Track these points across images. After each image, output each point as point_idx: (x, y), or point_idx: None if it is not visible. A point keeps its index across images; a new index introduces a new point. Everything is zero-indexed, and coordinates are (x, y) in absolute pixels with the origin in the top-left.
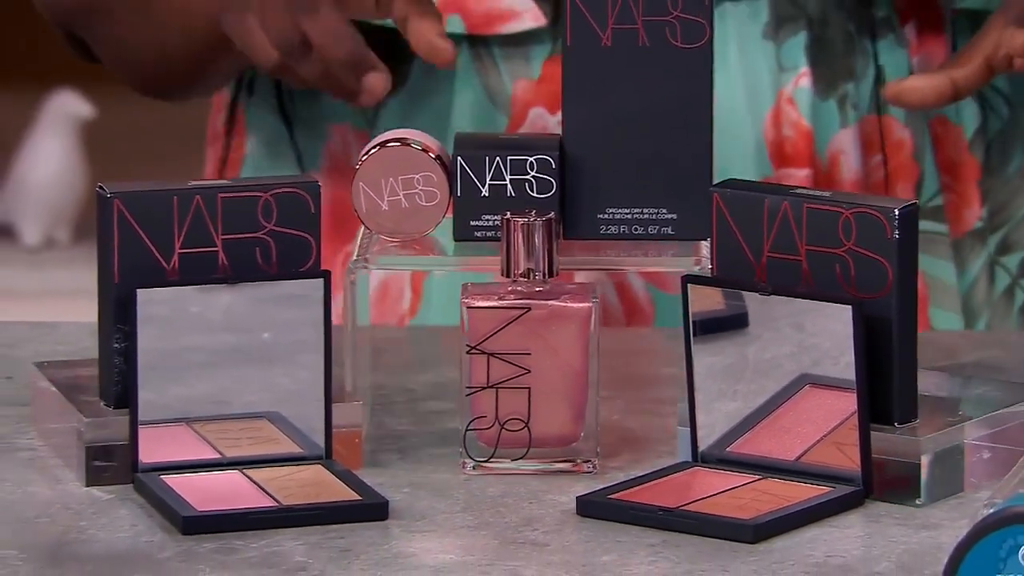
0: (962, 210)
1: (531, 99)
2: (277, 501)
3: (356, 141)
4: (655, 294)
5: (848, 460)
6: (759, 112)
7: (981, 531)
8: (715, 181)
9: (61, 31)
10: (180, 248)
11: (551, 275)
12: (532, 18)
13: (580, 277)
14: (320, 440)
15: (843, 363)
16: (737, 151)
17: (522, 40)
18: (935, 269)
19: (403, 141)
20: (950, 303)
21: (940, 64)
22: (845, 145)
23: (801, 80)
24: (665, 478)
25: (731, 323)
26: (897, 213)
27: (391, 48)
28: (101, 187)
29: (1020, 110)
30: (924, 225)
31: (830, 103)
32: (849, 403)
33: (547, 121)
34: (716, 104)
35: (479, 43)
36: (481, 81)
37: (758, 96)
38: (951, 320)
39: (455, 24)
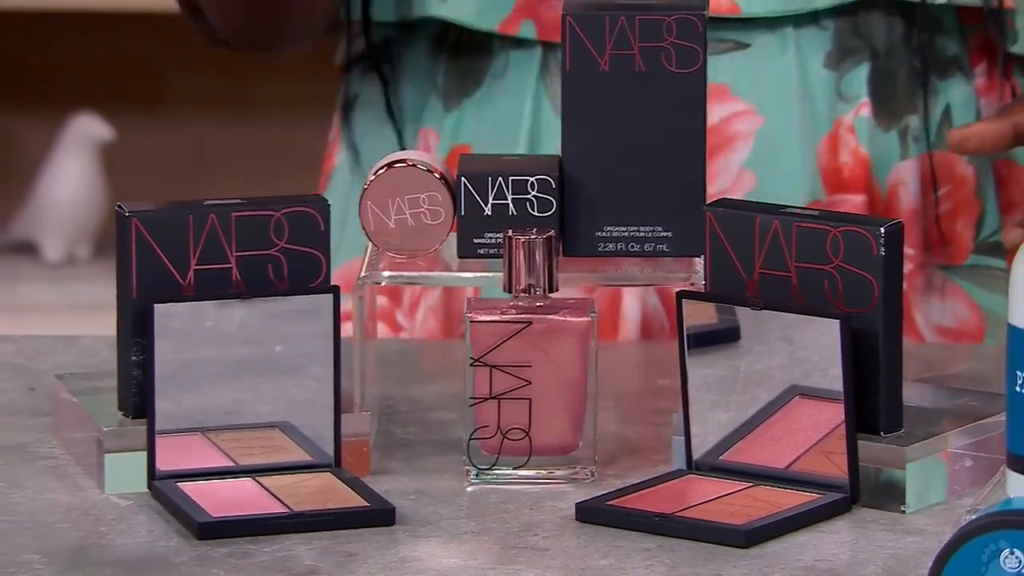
0: None
1: None
2: (288, 507)
3: (434, 141)
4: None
5: (836, 468)
6: (813, 139)
7: (964, 536)
8: (748, 200)
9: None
10: (196, 264)
11: (551, 291)
12: None
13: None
14: (329, 449)
15: (831, 375)
16: (786, 175)
17: None
18: (991, 303)
19: (409, 162)
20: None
21: (1002, 107)
22: (906, 176)
23: (862, 110)
24: (661, 485)
25: (724, 337)
26: (883, 231)
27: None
28: (120, 206)
29: None
30: (982, 260)
31: (892, 134)
32: (837, 413)
33: None
34: (761, 129)
35: (549, 51)
36: (547, 90)
37: (814, 123)
38: None
39: (528, 29)
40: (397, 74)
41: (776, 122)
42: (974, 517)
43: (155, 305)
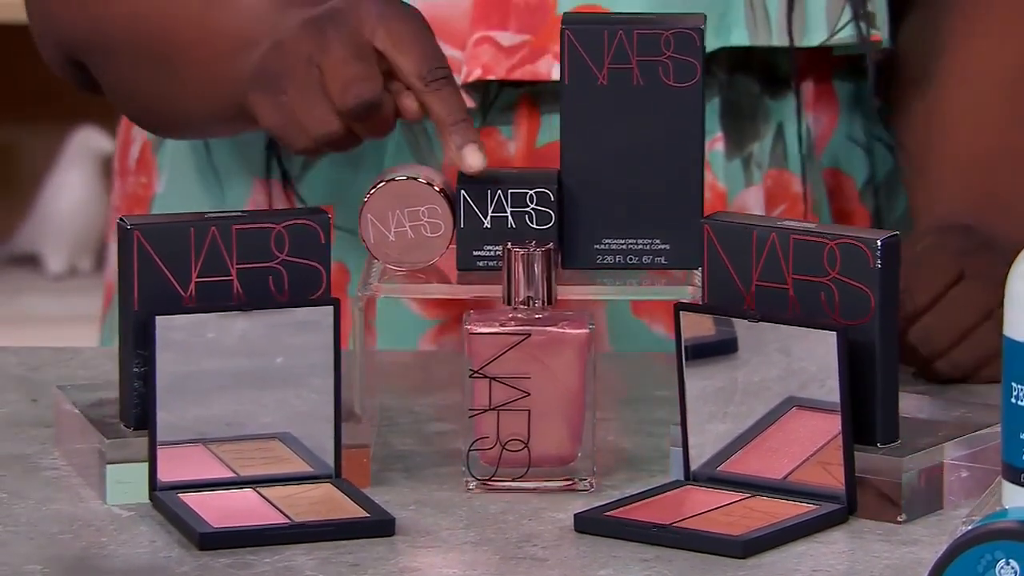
0: None
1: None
2: (289, 518)
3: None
4: None
5: (833, 479)
6: None
7: (960, 547)
8: None
9: (60, 54)
10: (197, 277)
11: (550, 303)
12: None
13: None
14: (330, 459)
15: (828, 386)
16: None
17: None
18: None
19: (409, 176)
20: None
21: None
22: (750, 203)
23: (716, 144)
24: (659, 496)
25: (721, 348)
26: (880, 244)
27: None
28: (122, 219)
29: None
30: None
31: (735, 163)
32: (834, 424)
33: None
34: None
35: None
36: (413, 156)
37: None
38: None
39: None
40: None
41: None
42: (970, 528)
43: (157, 317)
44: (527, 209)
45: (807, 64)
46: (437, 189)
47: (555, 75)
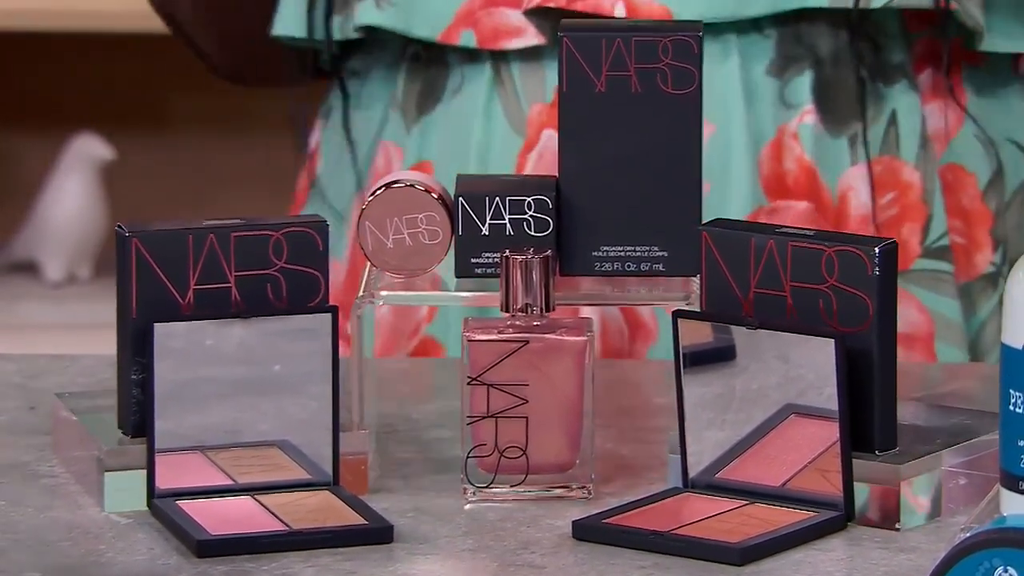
0: (973, 254)
1: (545, 121)
2: (287, 525)
3: (396, 157)
4: (659, 312)
5: (831, 486)
6: (757, 146)
7: (958, 554)
8: (707, 214)
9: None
10: (195, 284)
11: (548, 310)
12: (534, 35)
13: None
14: (328, 467)
15: (826, 394)
16: (732, 182)
17: (537, 65)
18: (941, 307)
19: (407, 182)
20: (955, 339)
21: None
22: (855, 182)
23: (806, 117)
24: (657, 503)
25: (720, 355)
26: (877, 251)
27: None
28: (120, 226)
29: None
30: (929, 264)
31: (841, 141)
32: (832, 432)
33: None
34: (713, 135)
35: (501, 63)
36: (502, 104)
37: (758, 130)
38: (955, 356)
39: (468, 39)
40: (360, 88)
41: (723, 129)
42: (968, 535)
43: (155, 324)
44: (525, 216)
45: (926, 54)
46: (435, 196)
47: (619, 13)
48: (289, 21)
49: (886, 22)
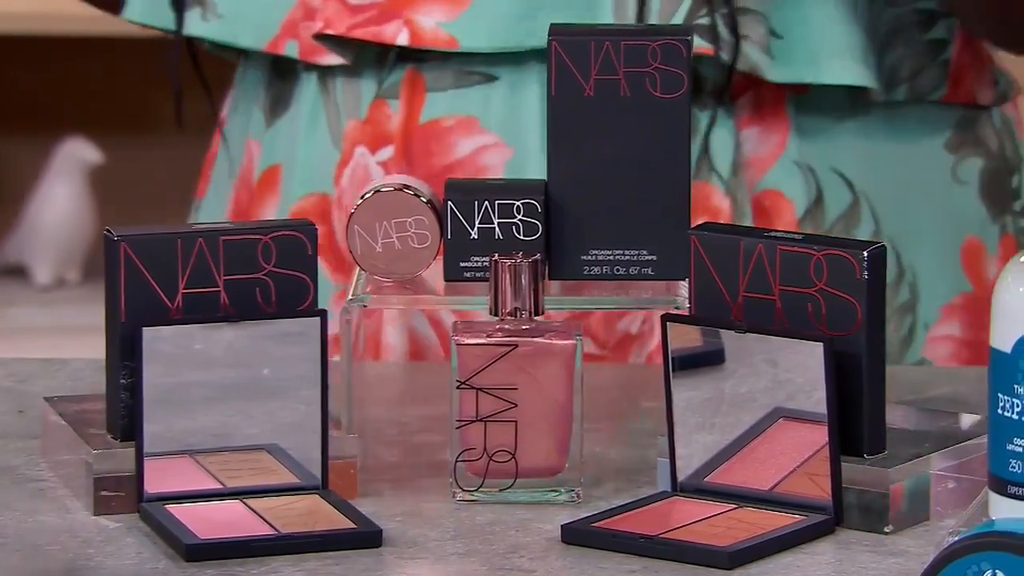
0: None
1: (358, 138)
2: (276, 529)
3: (256, 154)
4: None
5: (820, 490)
6: None
7: (946, 558)
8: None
9: None
10: (184, 288)
11: (537, 314)
12: (337, 56)
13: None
14: (317, 471)
15: (815, 397)
16: None
17: (356, 81)
18: None
19: (396, 186)
20: None
21: None
22: None
23: None
24: (646, 507)
25: (708, 359)
26: (866, 255)
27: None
28: (108, 230)
29: (861, 196)
30: None
31: None
32: (821, 435)
33: (368, 160)
34: (511, 160)
35: (328, 77)
36: (326, 116)
37: None
38: None
39: (292, 49)
40: (240, 82)
41: (525, 154)
42: (956, 539)
43: (143, 329)
44: (514, 220)
45: (747, 81)
46: (424, 200)
47: (401, 41)
48: (137, 7)
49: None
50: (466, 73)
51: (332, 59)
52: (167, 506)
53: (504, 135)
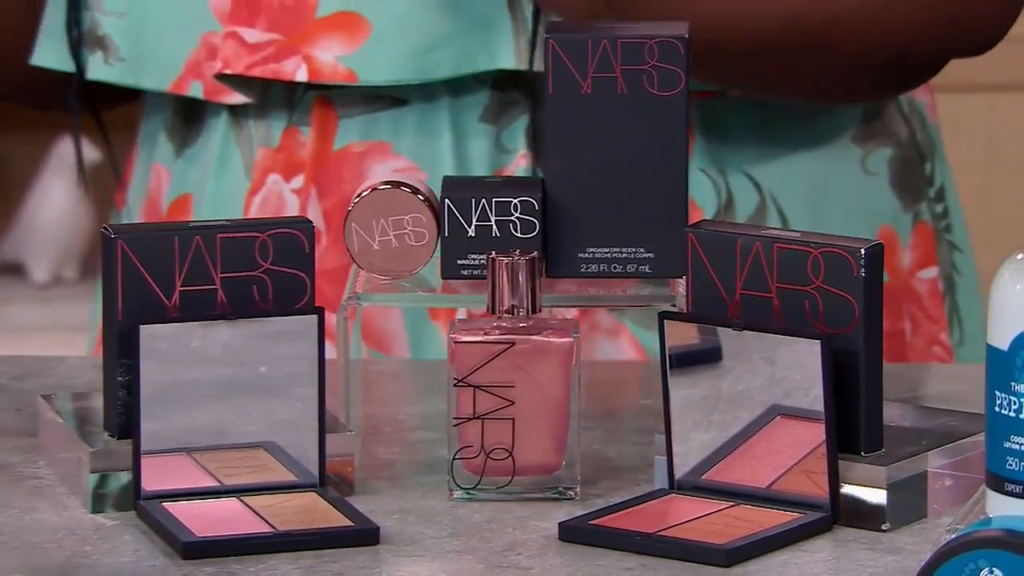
0: None
1: (269, 165)
2: (273, 527)
3: (166, 180)
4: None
5: (817, 488)
6: None
7: (944, 555)
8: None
9: None
10: (181, 286)
11: (534, 311)
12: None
13: None
14: (314, 468)
15: (812, 395)
16: None
17: (266, 111)
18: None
19: (394, 184)
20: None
21: None
22: None
23: (522, 161)
24: (643, 505)
25: (706, 357)
26: (864, 253)
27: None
28: (106, 228)
29: (767, 195)
30: None
31: None
32: (818, 433)
33: (282, 187)
34: (432, 181)
35: (239, 113)
36: (237, 145)
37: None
38: None
39: (197, 90)
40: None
41: (438, 178)
42: (954, 536)
43: (140, 326)
44: (511, 218)
45: None
46: (421, 198)
47: (300, 77)
48: (47, 53)
49: None
50: (377, 98)
51: (237, 98)
52: (164, 504)
53: (417, 159)
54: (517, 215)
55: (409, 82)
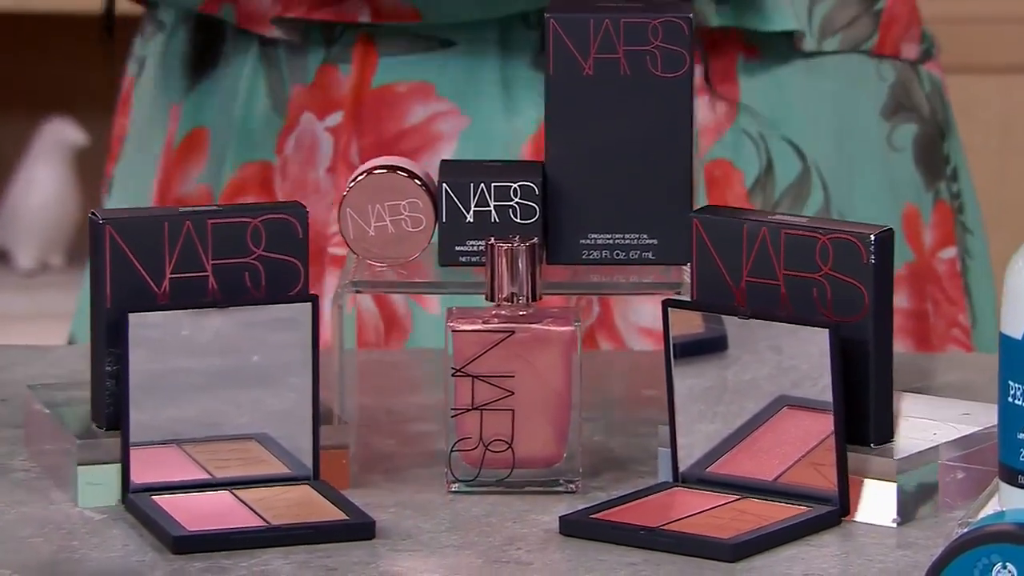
0: None
1: (304, 103)
2: (266, 521)
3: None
4: (415, 309)
5: (825, 480)
6: (520, 140)
7: (956, 550)
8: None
9: None
10: (171, 273)
11: (534, 299)
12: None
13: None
14: (308, 460)
15: (820, 385)
16: None
17: (303, 46)
18: None
19: (390, 168)
20: None
21: None
22: None
23: None
24: (646, 498)
25: (711, 346)
26: (873, 239)
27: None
28: (94, 213)
29: (811, 165)
30: None
31: None
32: (826, 424)
33: (315, 127)
34: (474, 128)
35: (268, 45)
36: (266, 81)
37: (522, 125)
38: None
39: (229, 14)
40: (158, 40)
41: (481, 123)
42: (966, 530)
43: (129, 314)
44: (511, 203)
45: (696, 50)
46: (418, 183)
47: (362, 18)
48: None
49: None
50: (422, 38)
51: (276, 33)
52: (154, 497)
53: (460, 103)
54: (517, 200)
55: (473, 19)
